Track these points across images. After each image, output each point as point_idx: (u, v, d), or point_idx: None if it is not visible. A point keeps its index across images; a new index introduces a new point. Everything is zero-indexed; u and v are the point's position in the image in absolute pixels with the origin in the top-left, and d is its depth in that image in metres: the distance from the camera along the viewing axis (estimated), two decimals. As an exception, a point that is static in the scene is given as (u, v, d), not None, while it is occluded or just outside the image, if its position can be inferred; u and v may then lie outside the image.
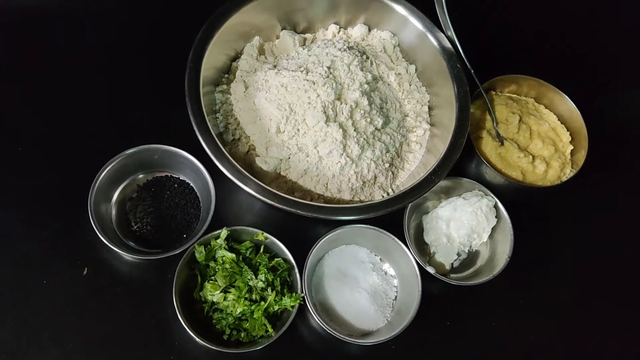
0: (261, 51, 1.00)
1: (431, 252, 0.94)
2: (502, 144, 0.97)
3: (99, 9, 1.09)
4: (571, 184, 0.96)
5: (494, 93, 1.03)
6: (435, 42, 0.97)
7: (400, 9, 0.99)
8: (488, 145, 0.96)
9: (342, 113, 0.89)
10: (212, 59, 0.91)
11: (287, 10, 1.00)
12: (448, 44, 0.96)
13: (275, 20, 1.01)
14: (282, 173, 0.89)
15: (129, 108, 1.00)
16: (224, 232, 0.85)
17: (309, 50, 0.96)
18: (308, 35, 1.03)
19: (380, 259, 0.92)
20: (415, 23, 0.99)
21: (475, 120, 0.99)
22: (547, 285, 0.98)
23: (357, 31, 1.04)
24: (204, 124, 0.83)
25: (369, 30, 1.05)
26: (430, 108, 1.01)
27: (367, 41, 1.04)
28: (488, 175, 0.95)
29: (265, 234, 0.86)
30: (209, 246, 0.85)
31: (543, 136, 0.98)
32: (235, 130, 0.92)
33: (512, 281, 0.93)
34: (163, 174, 0.94)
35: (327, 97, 0.87)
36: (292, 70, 0.90)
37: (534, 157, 0.97)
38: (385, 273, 0.92)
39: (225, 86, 0.96)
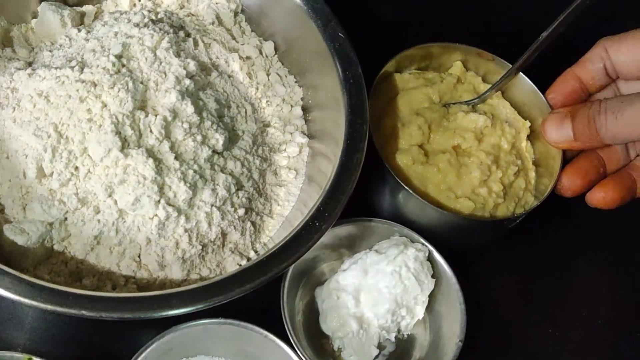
0: (6, 41, 0.72)
1: (334, 348, 0.70)
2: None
3: None
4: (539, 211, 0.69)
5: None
6: (298, -2, 0.70)
7: None
8: (408, 158, 0.69)
9: (151, 131, 0.61)
10: None
11: (48, -34, 0.71)
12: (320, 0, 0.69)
13: (29, -14, 0.72)
14: (56, 247, 0.61)
15: None
16: (-50, 367, 0.57)
17: (87, 32, 0.68)
18: (88, 8, 0.74)
19: (251, 373, 0.67)
20: None
21: (384, 120, 0.71)
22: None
23: (170, -5, 0.76)
24: None
25: (191, -9, 0.77)
26: (305, 109, 0.74)
27: (187, 9, 0.76)
28: (411, 207, 0.68)
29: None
30: None
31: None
32: (-39, 181, 0.63)
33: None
34: None
35: (120, 107, 0.60)
36: (57, 68, 0.62)
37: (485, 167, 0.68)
38: (260, 395, 0.66)
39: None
